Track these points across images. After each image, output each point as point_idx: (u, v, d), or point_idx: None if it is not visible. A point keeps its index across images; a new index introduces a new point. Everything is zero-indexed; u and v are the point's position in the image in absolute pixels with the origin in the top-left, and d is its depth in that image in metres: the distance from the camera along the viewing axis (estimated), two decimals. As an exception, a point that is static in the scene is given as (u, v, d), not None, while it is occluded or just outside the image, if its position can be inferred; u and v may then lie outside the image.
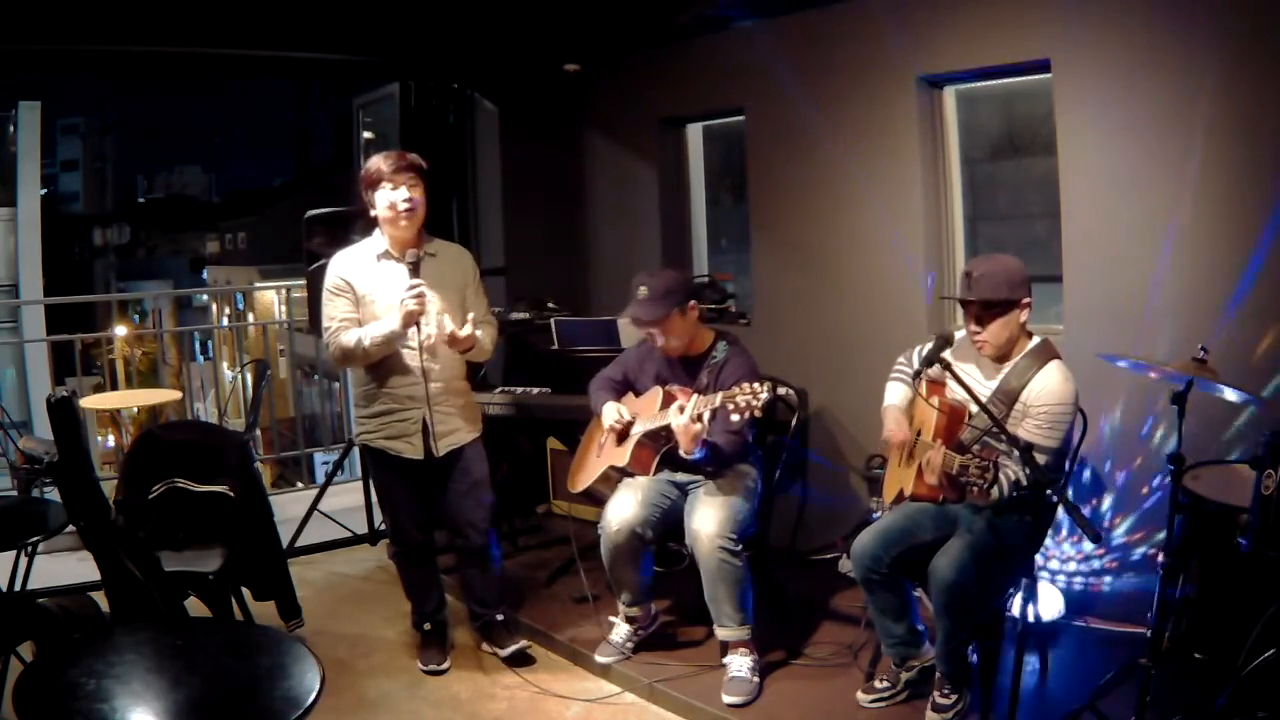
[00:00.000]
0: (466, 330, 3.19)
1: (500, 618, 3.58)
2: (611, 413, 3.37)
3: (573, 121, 5.44)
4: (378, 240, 3.30)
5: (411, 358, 3.24)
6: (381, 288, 3.24)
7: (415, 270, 3.14)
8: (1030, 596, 2.51)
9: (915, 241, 3.90)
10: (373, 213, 3.26)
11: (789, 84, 4.24)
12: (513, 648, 3.50)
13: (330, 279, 3.28)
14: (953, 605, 2.71)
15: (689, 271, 4.96)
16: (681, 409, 3.06)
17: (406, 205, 3.18)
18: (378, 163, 3.22)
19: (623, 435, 3.34)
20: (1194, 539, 2.61)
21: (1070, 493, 3.26)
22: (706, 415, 3.02)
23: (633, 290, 3.24)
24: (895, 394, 3.11)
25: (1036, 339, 2.84)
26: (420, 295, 3.11)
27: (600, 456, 3.44)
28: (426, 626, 3.54)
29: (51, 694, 1.86)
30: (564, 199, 5.48)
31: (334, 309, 3.26)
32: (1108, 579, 3.42)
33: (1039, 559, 3.13)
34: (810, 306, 4.30)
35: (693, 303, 3.29)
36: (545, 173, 5.46)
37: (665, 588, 3.69)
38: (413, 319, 3.13)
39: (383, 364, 3.27)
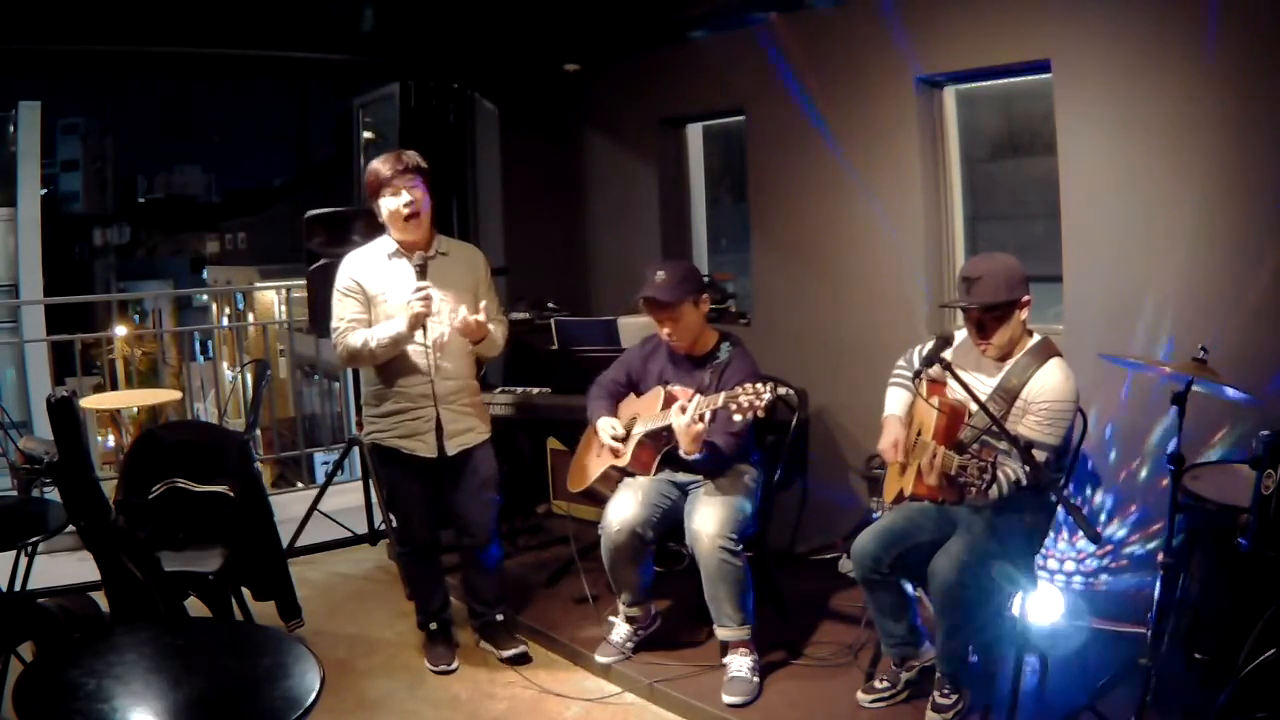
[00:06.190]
0: (479, 316, 3.20)
1: (500, 618, 3.58)
2: (606, 428, 3.35)
3: (573, 121, 5.44)
4: (389, 239, 3.30)
5: (422, 356, 3.25)
6: (392, 288, 3.24)
7: (422, 273, 3.16)
8: (1030, 596, 2.51)
9: (915, 241, 3.90)
10: (380, 217, 3.27)
11: (789, 84, 4.24)
12: (511, 651, 3.50)
13: (341, 279, 3.29)
14: (953, 605, 2.71)
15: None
16: (683, 409, 3.05)
17: (409, 209, 3.19)
18: (377, 167, 3.22)
19: (621, 440, 3.34)
20: (1194, 539, 2.61)
21: (1070, 493, 3.25)
22: (708, 415, 3.02)
23: (648, 275, 3.24)
24: (895, 403, 3.09)
25: (1037, 337, 2.84)
26: (426, 298, 3.13)
27: (600, 456, 3.43)
28: (432, 626, 3.54)
29: (51, 694, 1.86)
30: (564, 199, 5.48)
31: (343, 309, 3.27)
32: (1108, 579, 3.42)
33: (1039, 559, 3.12)
34: (810, 306, 4.30)
35: (705, 295, 3.30)
36: (545, 173, 5.46)
37: (665, 588, 3.69)
38: (418, 321, 3.15)
39: (394, 363, 3.27)
